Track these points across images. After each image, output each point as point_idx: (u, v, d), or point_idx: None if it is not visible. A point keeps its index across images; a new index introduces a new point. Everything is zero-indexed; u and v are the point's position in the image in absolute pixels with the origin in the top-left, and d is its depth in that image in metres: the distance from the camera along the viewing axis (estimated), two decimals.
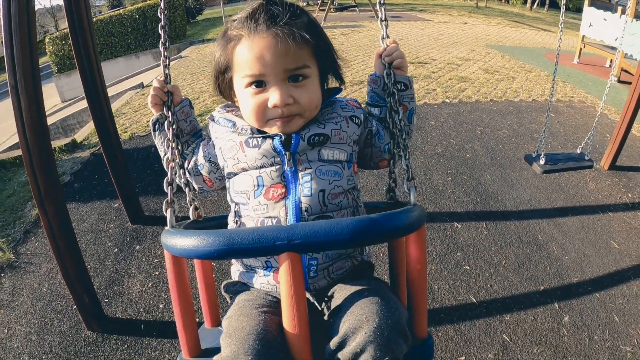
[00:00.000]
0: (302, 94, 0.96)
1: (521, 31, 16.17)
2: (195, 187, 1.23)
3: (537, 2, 33.29)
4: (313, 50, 0.98)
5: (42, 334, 2.55)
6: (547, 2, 33.20)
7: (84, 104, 10.51)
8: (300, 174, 0.98)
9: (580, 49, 9.60)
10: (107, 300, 2.78)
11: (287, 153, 0.98)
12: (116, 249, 3.31)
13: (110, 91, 10.12)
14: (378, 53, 1.12)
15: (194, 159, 1.16)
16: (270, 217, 0.98)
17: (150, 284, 2.89)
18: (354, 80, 7.20)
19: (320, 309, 1.05)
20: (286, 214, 0.97)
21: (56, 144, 5.47)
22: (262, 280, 1.05)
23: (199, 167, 1.17)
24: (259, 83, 0.96)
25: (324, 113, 1.06)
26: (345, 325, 0.83)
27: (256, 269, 1.06)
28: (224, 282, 1.16)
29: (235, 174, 1.05)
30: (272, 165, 1.00)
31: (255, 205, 1.00)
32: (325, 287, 1.04)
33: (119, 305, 2.74)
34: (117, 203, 3.80)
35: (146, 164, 4.60)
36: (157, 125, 1.15)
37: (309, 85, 0.98)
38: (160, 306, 2.69)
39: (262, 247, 0.76)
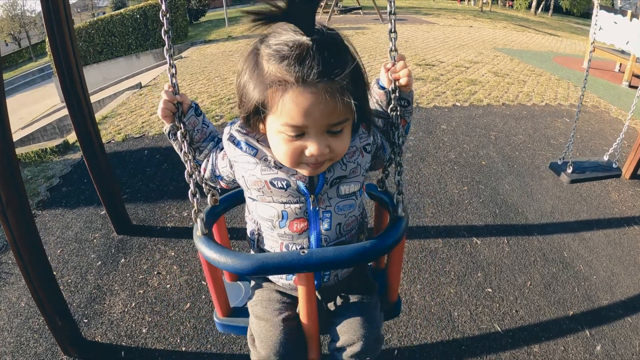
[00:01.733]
0: (337, 144, 0.95)
1: (527, 35, 15.93)
2: (211, 185, 1.25)
3: (541, 7, 33.11)
4: (354, 103, 0.90)
5: (16, 355, 2.31)
6: (552, 7, 33.04)
7: None
8: (321, 211, 1.06)
9: (590, 52, 9.26)
10: (86, 321, 2.50)
11: (312, 196, 1.03)
12: (99, 262, 3.03)
13: (108, 92, 9.92)
14: (386, 67, 1.10)
15: (210, 167, 1.18)
16: (294, 244, 1.09)
17: (133, 304, 2.58)
18: None
19: (324, 304, 1.27)
20: (309, 243, 1.08)
21: (48, 145, 5.20)
22: (283, 282, 1.22)
23: (217, 178, 1.19)
24: (299, 134, 0.91)
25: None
26: (344, 337, 1.13)
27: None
28: None
29: (259, 201, 1.08)
30: (296, 203, 1.05)
31: (280, 233, 1.08)
32: (333, 285, 1.24)
33: (98, 327, 2.45)
34: (104, 210, 3.50)
35: (137, 168, 4.31)
36: (170, 135, 1.15)
37: (344, 135, 0.96)
38: (144, 330, 2.39)
39: (286, 269, 0.98)
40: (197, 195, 1.11)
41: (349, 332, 1.14)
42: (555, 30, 21.67)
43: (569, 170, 3.06)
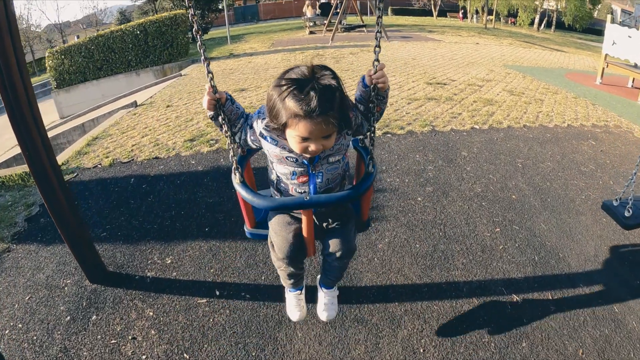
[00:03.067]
0: (327, 143, 1.46)
1: (535, 51, 15.61)
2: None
3: (543, 23, 33.04)
4: (338, 120, 1.42)
5: None
6: (554, 23, 32.95)
7: (76, 122, 9.92)
8: (317, 171, 1.60)
9: (603, 68, 8.90)
10: None
11: (311, 165, 1.59)
12: (69, 317, 2.54)
13: (103, 110, 9.50)
14: (369, 73, 1.54)
15: (243, 138, 1.64)
16: (299, 190, 1.62)
17: None
18: None
19: (317, 223, 1.81)
20: (309, 189, 1.62)
21: None
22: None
23: (248, 145, 1.67)
24: (306, 139, 1.43)
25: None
26: (331, 247, 1.75)
27: None
28: None
29: (277, 164, 1.62)
30: (301, 167, 1.59)
31: (291, 183, 1.62)
32: (324, 212, 1.80)
33: None
34: None
35: (121, 199, 3.82)
36: (213, 119, 1.60)
37: (332, 138, 1.47)
38: None
39: (295, 207, 1.65)
40: (235, 157, 1.66)
41: (334, 245, 1.74)
42: (560, 45, 21.41)
43: (628, 214, 2.54)
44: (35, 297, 2.69)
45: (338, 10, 16.71)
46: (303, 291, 2.08)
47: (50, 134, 9.16)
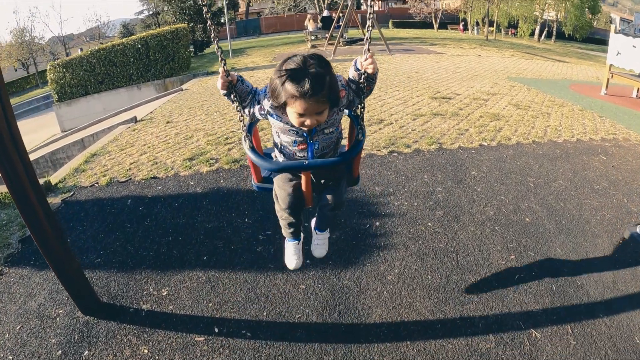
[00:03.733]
0: (320, 118, 1.72)
1: (537, 62, 15.57)
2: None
3: (544, 34, 33.14)
4: (329, 100, 1.69)
5: None
6: (554, 33, 33.05)
7: (76, 137, 9.83)
8: (314, 141, 1.88)
9: (608, 79, 8.81)
10: None
11: (309, 136, 1.86)
12: (60, 351, 2.39)
13: (103, 125, 9.42)
14: (360, 60, 1.80)
15: (252, 111, 1.91)
16: (299, 155, 1.92)
17: None
18: (372, 119, 6.30)
19: (315, 180, 2.09)
20: (307, 153, 1.91)
21: None
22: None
23: (256, 117, 1.93)
24: (302, 115, 1.69)
25: (330, 112, 1.79)
26: (327, 199, 2.04)
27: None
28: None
29: (281, 133, 1.91)
30: (301, 137, 1.86)
31: (293, 149, 1.91)
32: (320, 172, 2.08)
33: None
34: None
35: (117, 222, 3.67)
36: (226, 96, 1.89)
37: (324, 114, 1.72)
38: None
39: (296, 170, 1.95)
40: (244, 127, 1.97)
41: (328, 198, 2.06)
42: (562, 56, 21.42)
43: None
44: (27, 327, 2.56)
45: (339, 24, 16.74)
46: (300, 243, 2.33)
47: (50, 149, 9.13)
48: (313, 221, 2.40)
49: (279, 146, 1.97)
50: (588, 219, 3.61)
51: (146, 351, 2.33)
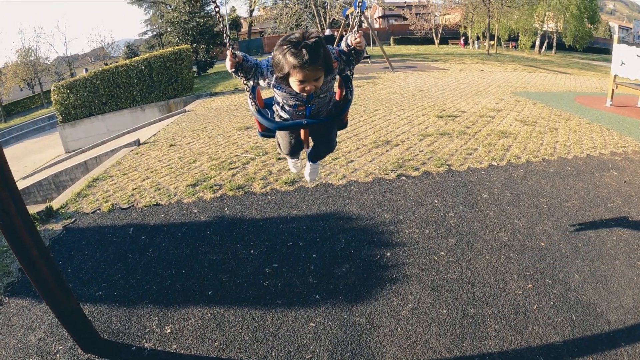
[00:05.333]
0: (318, 84, 1.96)
1: (540, 75, 15.56)
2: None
3: (544, 46, 33.29)
4: (324, 68, 1.93)
5: None
6: (554, 45, 33.20)
7: (79, 159, 9.81)
8: (311, 104, 2.15)
9: (613, 90, 8.73)
10: None
11: (308, 100, 2.12)
12: None
13: (106, 147, 9.40)
14: (351, 40, 2.06)
15: (256, 82, 2.13)
16: (298, 114, 2.20)
17: None
18: (379, 141, 6.19)
19: (312, 131, 2.47)
20: (305, 112, 2.18)
21: (32, 209, 4.48)
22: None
23: (260, 85, 2.17)
24: (302, 81, 1.92)
25: (325, 80, 2.04)
26: (320, 142, 2.60)
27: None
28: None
29: (283, 99, 2.18)
30: (301, 101, 2.13)
31: (294, 110, 2.19)
32: (315, 123, 2.30)
33: None
34: None
35: (119, 252, 3.57)
36: (234, 73, 2.10)
37: (320, 80, 1.96)
38: None
39: (296, 127, 2.31)
40: (248, 88, 2.26)
41: (322, 141, 2.58)
42: (564, 67, 21.44)
43: None
44: None
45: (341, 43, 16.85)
46: (299, 159, 2.94)
47: (53, 171, 9.12)
48: (307, 152, 2.82)
49: (281, 105, 2.25)
50: (604, 241, 3.48)
51: None
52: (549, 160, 5.27)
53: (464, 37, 36.83)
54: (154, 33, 37.16)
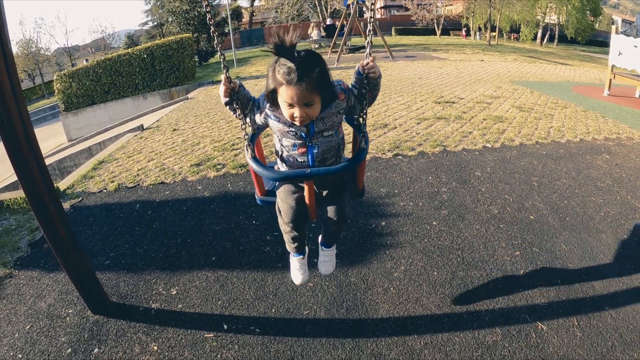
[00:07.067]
0: (310, 111, 1.70)
1: (540, 66, 15.58)
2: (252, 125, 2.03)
3: (546, 37, 33.19)
4: (318, 91, 1.67)
5: None
6: (556, 37, 33.09)
7: (83, 145, 9.95)
8: (313, 143, 1.86)
9: (610, 80, 8.82)
10: None
11: (308, 138, 1.85)
12: (70, 349, 2.42)
13: (110, 133, 9.54)
14: (362, 64, 1.81)
15: (252, 118, 1.93)
16: (299, 160, 1.89)
17: None
18: (377, 124, 6.35)
19: (317, 191, 2.06)
20: (307, 159, 1.88)
21: None
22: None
23: (257, 124, 1.96)
24: (291, 105, 1.68)
25: (326, 112, 1.80)
26: (329, 213, 2.02)
27: None
28: None
29: (281, 137, 1.90)
30: (300, 140, 1.86)
31: (293, 153, 1.89)
32: (322, 181, 2.04)
33: None
34: None
35: (126, 225, 3.73)
36: (228, 105, 1.91)
37: (314, 107, 1.71)
38: None
39: (298, 179, 1.92)
40: (247, 136, 2.01)
41: (331, 211, 2.02)
42: (564, 59, 21.41)
43: None
44: (36, 327, 2.60)
45: (343, 32, 16.89)
46: (305, 257, 2.32)
47: (57, 157, 9.26)
48: (320, 237, 2.38)
49: (280, 153, 1.95)
50: (592, 216, 3.63)
51: (156, 348, 2.37)
52: (542, 143, 5.41)
53: (465, 28, 36.70)
54: (155, 23, 37.06)
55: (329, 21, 21.99)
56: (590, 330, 2.39)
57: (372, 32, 1.87)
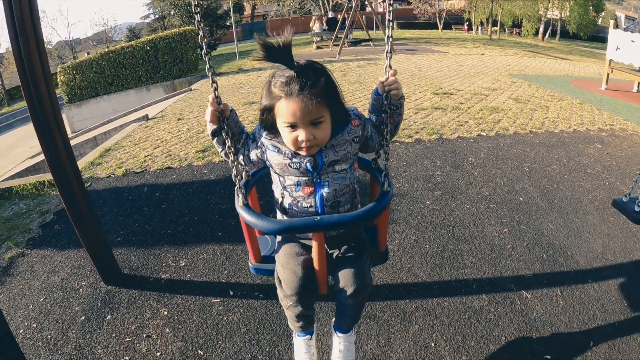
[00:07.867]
0: (318, 133, 1.38)
1: (540, 60, 15.69)
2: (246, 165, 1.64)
3: (548, 32, 33.18)
4: (327, 105, 1.36)
5: None
6: (558, 32, 33.09)
7: (88, 135, 10.13)
8: (322, 181, 1.49)
9: (608, 74, 8.95)
10: None
11: (316, 173, 1.47)
12: (83, 317, 2.59)
13: (115, 124, 9.71)
14: (381, 80, 1.48)
15: (246, 154, 1.56)
16: (304, 205, 1.51)
17: None
18: None
19: (329, 251, 1.64)
20: (315, 203, 1.50)
21: (45, 177, 4.85)
22: (301, 235, 1.65)
23: (251, 162, 1.58)
24: (293, 126, 1.37)
25: (337, 139, 1.46)
26: (342, 282, 1.51)
27: None
28: None
29: (281, 175, 1.53)
30: (305, 176, 1.49)
31: (296, 195, 1.52)
32: (336, 238, 1.62)
33: None
34: None
35: (135, 206, 3.91)
36: (215, 134, 1.51)
37: (323, 126, 1.38)
38: None
39: (304, 230, 1.40)
40: (239, 177, 1.57)
41: (346, 278, 1.52)
42: (565, 54, 21.50)
43: (638, 208, 2.57)
44: (50, 299, 2.75)
45: (344, 25, 17.00)
46: (314, 336, 1.77)
47: None
48: (333, 320, 1.83)
49: (280, 202, 1.56)
50: (580, 199, 3.80)
51: (166, 312, 2.56)
52: (536, 132, 5.58)
53: (467, 23, 36.68)
54: (157, 16, 37.17)
55: (330, 14, 22.05)
56: (572, 299, 2.56)
57: (390, 30, 1.54)
